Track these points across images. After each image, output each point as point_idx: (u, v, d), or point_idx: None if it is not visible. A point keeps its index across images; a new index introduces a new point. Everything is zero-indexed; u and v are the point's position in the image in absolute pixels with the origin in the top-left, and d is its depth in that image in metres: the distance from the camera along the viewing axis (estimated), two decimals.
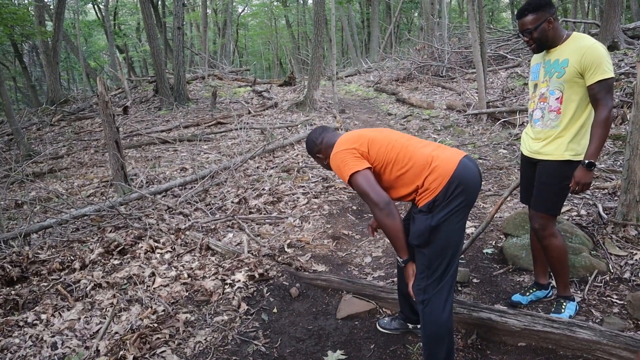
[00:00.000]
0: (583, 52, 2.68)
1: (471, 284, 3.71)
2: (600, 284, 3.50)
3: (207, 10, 25.63)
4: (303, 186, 6.26)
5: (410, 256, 2.49)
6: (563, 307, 3.12)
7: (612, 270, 3.64)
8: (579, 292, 3.40)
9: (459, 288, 3.63)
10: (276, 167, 7.40)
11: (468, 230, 4.63)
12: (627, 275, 3.58)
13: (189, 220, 5.18)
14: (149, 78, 19.90)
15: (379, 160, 2.49)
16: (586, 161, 2.69)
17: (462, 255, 4.07)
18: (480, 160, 6.95)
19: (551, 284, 3.41)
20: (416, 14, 30.45)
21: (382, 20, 30.50)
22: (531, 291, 3.38)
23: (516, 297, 3.36)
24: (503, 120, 8.90)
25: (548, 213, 2.96)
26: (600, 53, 2.66)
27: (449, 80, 14.59)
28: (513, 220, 4.37)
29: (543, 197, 2.96)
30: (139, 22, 30.34)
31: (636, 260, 3.74)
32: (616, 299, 3.32)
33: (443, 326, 2.44)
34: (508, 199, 5.09)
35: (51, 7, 22.23)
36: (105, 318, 3.33)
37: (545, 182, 2.93)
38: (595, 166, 2.71)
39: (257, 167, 7.48)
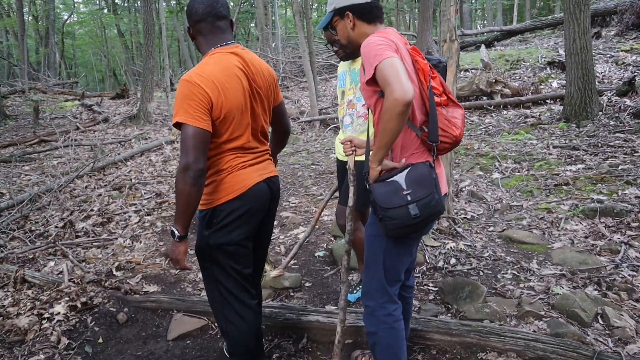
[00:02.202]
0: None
1: (303, 288, 3.81)
2: (419, 274, 3.80)
3: (25, 17, 23.37)
4: (135, 204, 5.98)
5: (187, 233, 2.15)
6: (357, 290, 3.52)
7: (428, 261, 3.98)
8: None
9: (292, 294, 3.72)
10: (107, 185, 6.97)
11: (300, 235, 4.76)
12: (440, 263, 3.94)
13: (2, 251, 4.67)
14: None
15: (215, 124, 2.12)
16: None
17: (295, 260, 4.17)
18: (314, 166, 7.21)
19: None
20: (252, 25, 30.72)
21: None
22: (358, 288, 3.57)
23: None
24: (334, 126, 9.34)
25: (355, 209, 3.15)
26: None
27: (285, 89, 14.94)
28: None
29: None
30: None
31: (448, 249, 4.14)
32: (432, 286, 3.64)
33: (242, 340, 2.44)
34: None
35: None
36: None
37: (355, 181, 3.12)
38: None
39: (86, 187, 6.99)
